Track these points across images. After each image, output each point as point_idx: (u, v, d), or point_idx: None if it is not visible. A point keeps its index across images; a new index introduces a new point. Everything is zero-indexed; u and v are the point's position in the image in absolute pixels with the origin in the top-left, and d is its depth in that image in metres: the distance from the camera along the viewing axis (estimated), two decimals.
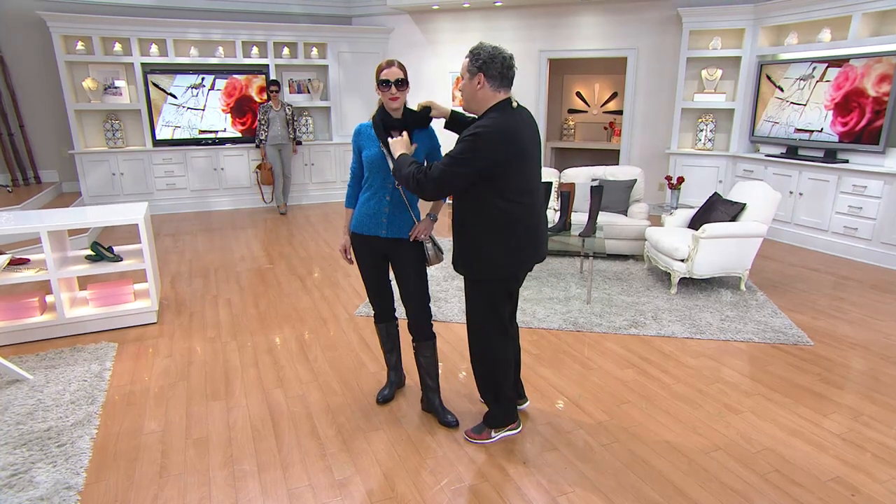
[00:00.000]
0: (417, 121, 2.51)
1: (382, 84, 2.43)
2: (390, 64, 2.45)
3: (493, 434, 2.62)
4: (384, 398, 2.92)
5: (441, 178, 2.19)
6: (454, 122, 2.53)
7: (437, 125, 2.60)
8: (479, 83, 2.20)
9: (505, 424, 2.64)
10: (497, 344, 2.49)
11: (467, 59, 2.22)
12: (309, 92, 8.29)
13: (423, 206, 2.63)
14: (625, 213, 5.55)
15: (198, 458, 2.50)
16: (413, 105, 2.55)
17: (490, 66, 2.17)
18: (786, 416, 2.83)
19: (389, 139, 2.43)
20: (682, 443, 2.61)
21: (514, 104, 2.26)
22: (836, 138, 5.62)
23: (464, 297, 4.33)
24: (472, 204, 2.30)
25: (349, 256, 2.71)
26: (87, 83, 7.08)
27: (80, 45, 6.98)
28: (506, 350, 2.54)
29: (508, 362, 2.58)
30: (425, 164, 2.47)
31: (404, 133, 2.43)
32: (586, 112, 9.76)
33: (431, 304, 2.70)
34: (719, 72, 6.81)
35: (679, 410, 2.89)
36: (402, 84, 2.44)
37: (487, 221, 2.28)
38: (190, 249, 5.91)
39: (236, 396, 3.02)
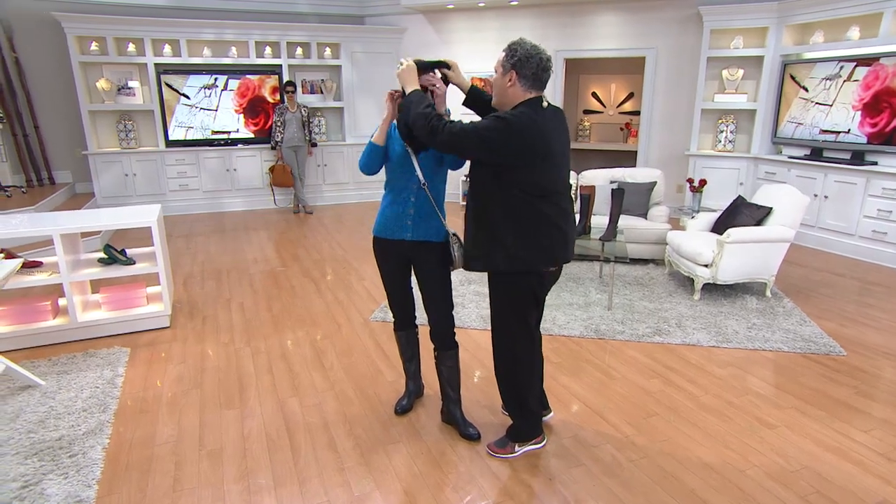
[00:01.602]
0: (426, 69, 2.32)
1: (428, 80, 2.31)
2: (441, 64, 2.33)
3: (516, 448, 2.52)
4: (402, 409, 2.83)
5: (457, 137, 2.09)
6: (473, 98, 2.44)
7: (455, 102, 2.49)
8: (510, 80, 2.14)
9: (529, 438, 2.54)
10: (522, 349, 2.40)
11: (503, 54, 2.15)
12: (322, 92, 8.23)
13: (446, 211, 2.53)
14: (644, 216, 5.42)
15: (212, 471, 2.42)
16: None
17: (524, 65, 2.10)
18: (822, 431, 2.70)
19: (398, 68, 2.25)
20: (713, 459, 2.50)
21: (545, 104, 2.18)
22: (864, 140, 5.46)
23: (481, 302, 4.27)
24: (500, 200, 2.19)
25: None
26: (101, 84, 7.07)
27: (94, 46, 6.97)
28: (531, 356, 2.46)
29: (533, 370, 2.49)
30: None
31: (410, 59, 2.27)
32: (602, 113, 9.62)
33: None
34: (741, 72, 6.65)
35: (709, 424, 2.77)
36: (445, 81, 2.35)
37: (516, 217, 2.19)
38: (202, 251, 5.86)
39: (251, 405, 2.94)
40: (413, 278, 2.63)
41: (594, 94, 9.61)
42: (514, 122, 2.07)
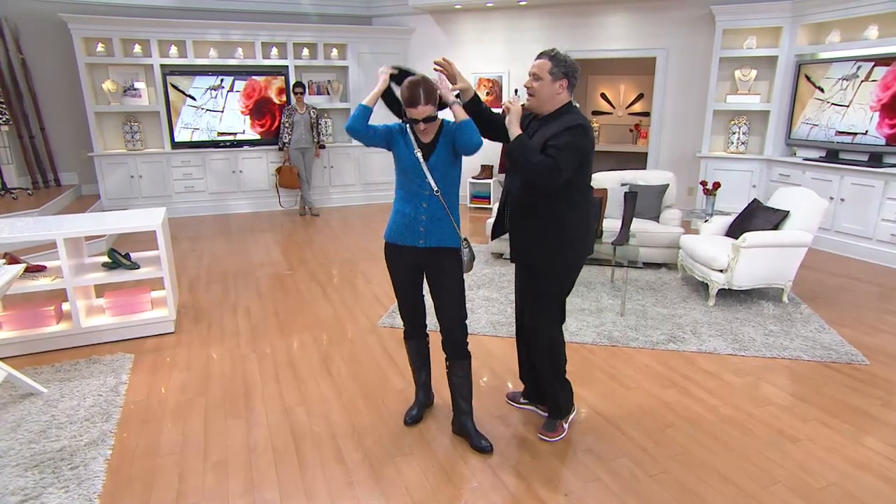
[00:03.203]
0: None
1: (411, 120, 2.26)
2: (415, 101, 2.19)
3: (564, 425, 2.67)
4: (412, 419, 2.75)
5: (567, 166, 2.22)
6: (475, 108, 2.44)
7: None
8: (561, 87, 2.31)
9: (570, 409, 2.72)
10: (558, 334, 2.57)
11: (549, 62, 2.29)
12: (329, 93, 8.16)
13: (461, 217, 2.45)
14: (656, 219, 5.32)
15: (217, 484, 2.35)
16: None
17: (573, 73, 2.31)
18: (849, 445, 2.60)
19: (506, 115, 2.32)
20: (735, 474, 2.40)
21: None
22: (882, 141, 5.33)
23: (491, 308, 4.19)
24: (568, 199, 2.35)
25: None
26: (107, 85, 7.03)
27: (100, 47, 6.94)
28: (562, 337, 2.62)
29: (564, 347, 2.65)
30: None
31: (514, 101, 2.33)
32: (611, 114, 9.52)
33: None
34: (754, 72, 6.54)
35: (729, 436, 2.68)
36: (431, 119, 2.26)
37: (580, 211, 2.40)
38: (208, 254, 5.81)
39: (256, 414, 2.87)
40: (425, 286, 2.55)
41: (603, 95, 9.51)
42: (587, 124, 2.29)
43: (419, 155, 2.29)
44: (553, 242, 2.38)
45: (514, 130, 2.29)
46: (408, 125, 2.34)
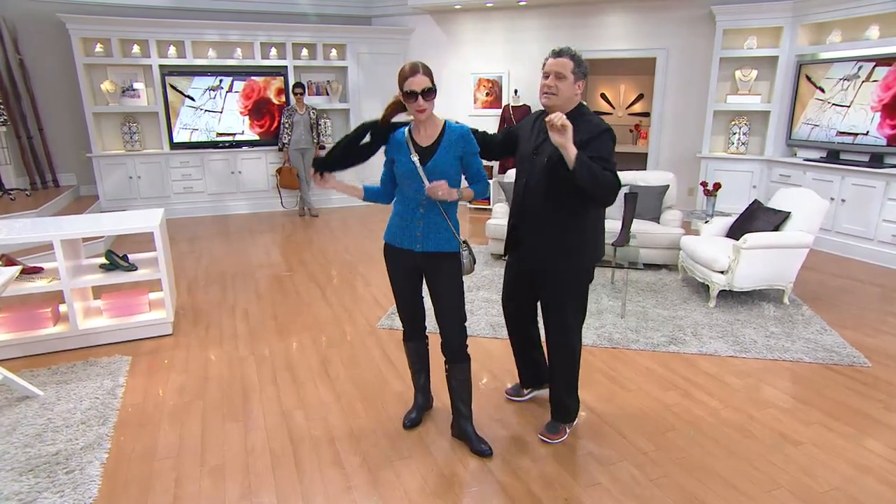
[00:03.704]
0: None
1: (408, 95, 2.22)
2: (414, 70, 2.19)
3: (567, 430, 2.66)
4: (411, 422, 2.72)
5: (615, 168, 2.24)
6: None
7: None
8: (579, 87, 2.34)
9: (575, 416, 2.70)
10: (577, 338, 2.56)
11: (572, 62, 2.28)
12: (328, 94, 8.14)
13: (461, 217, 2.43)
14: (657, 220, 5.30)
15: (213, 489, 2.33)
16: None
17: (587, 74, 2.35)
18: (852, 448, 2.58)
19: (554, 135, 2.10)
20: (737, 478, 2.38)
21: None
22: (883, 142, 5.31)
23: (491, 309, 4.17)
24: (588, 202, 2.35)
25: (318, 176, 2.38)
26: (106, 85, 7.01)
27: (98, 48, 6.92)
28: (581, 341, 2.61)
29: (580, 352, 2.64)
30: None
31: (560, 116, 2.10)
32: (611, 114, 9.50)
33: None
34: (754, 72, 6.52)
35: (730, 440, 2.65)
36: (430, 93, 2.23)
37: (596, 212, 2.44)
38: (206, 255, 5.78)
39: (254, 417, 2.85)
40: (424, 287, 2.53)
41: (603, 96, 9.49)
42: (610, 127, 2.31)
43: (415, 160, 2.27)
44: (571, 243, 2.38)
45: (572, 149, 2.10)
46: (407, 130, 2.33)
